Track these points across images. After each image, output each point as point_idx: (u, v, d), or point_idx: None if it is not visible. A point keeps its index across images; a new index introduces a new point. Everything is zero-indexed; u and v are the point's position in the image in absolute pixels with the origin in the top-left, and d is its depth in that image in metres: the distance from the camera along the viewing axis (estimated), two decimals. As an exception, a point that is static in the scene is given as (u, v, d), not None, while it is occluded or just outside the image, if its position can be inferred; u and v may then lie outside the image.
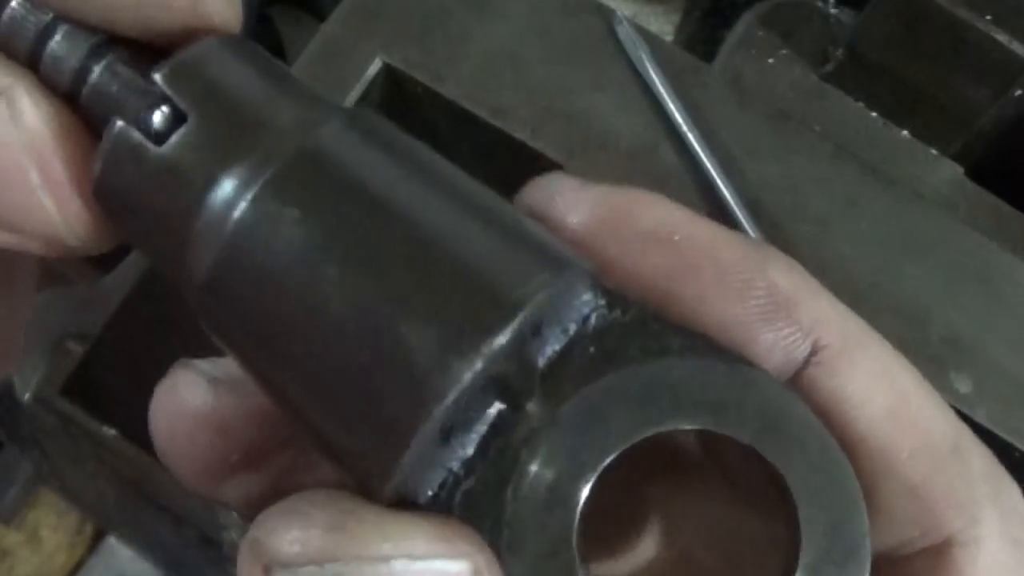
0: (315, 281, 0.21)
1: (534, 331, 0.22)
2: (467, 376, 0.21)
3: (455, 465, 0.22)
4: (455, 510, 0.22)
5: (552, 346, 0.22)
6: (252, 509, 0.25)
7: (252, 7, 0.86)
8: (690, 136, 0.61)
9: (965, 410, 0.58)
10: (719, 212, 0.60)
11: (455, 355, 0.21)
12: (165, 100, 0.23)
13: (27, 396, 0.60)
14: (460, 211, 0.22)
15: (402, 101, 0.63)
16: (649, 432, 0.22)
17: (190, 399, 0.25)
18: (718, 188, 0.60)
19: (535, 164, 0.61)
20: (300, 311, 0.22)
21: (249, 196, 0.22)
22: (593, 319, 0.23)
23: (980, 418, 0.58)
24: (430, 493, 0.22)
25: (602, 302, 0.23)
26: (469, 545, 0.21)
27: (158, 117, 0.23)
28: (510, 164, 0.62)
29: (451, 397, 0.20)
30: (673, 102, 0.61)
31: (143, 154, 0.23)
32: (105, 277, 0.61)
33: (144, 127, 0.23)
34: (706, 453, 0.26)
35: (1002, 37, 0.61)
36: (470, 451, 0.22)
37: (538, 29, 0.63)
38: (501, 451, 0.22)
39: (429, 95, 0.62)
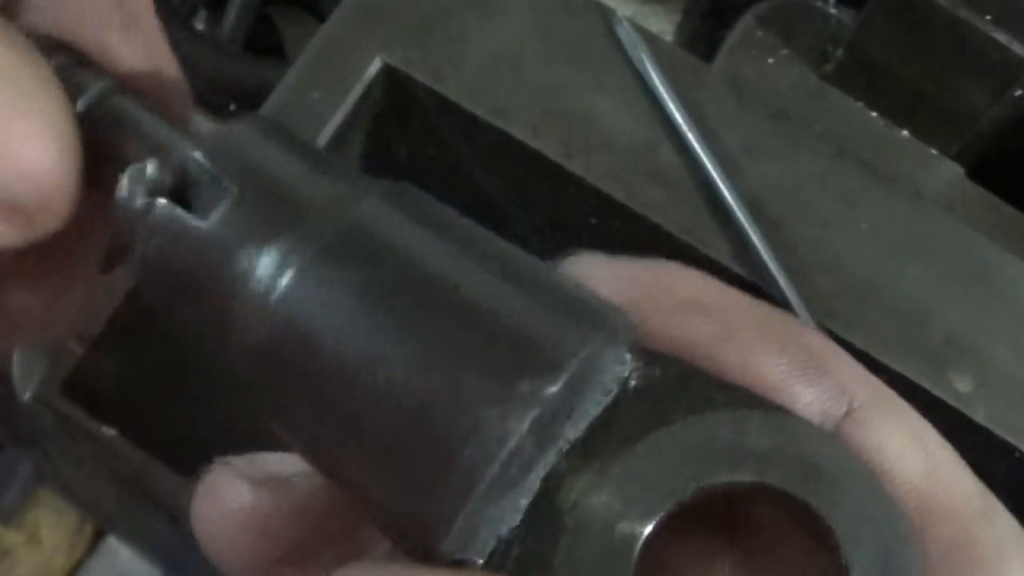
0: (367, 346, 0.22)
1: (577, 390, 0.22)
2: (525, 424, 0.21)
3: (504, 531, 0.22)
4: None
5: (594, 408, 0.22)
6: None
7: (252, 7, 0.86)
8: (690, 136, 0.61)
9: (965, 410, 0.58)
10: (719, 212, 0.60)
11: (508, 408, 0.21)
12: (202, 174, 0.24)
13: (27, 396, 0.60)
14: (502, 272, 0.23)
15: (402, 101, 0.63)
16: (698, 486, 0.22)
17: (231, 501, 0.25)
18: (718, 188, 0.60)
19: (535, 164, 0.61)
20: (355, 374, 0.22)
21: (296, 268, 0.22)
22: (634, 379, 0.23)
23: (980, 418, 0.58)
24: (480, 562, 0.22)
25: (641, 363, 0.23)
26: None
27: (198, 194, 0.24)
28: (510, 164, 0.62)
29: (511, 444, 0.21)
30: (673, 102, 0.61)
31: (185, 229, 0.23)
32: (105, 277, 0.60)
33: (183, 202, 0.24)
34: (736, 521, 0.26)
35: (1002, 37, 0.61)
36: (518, 517, 0.22)
37: (538, 29, 0.63)
38: (549, 515, 0.22)
39: (429, 95, 0.62)
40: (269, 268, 0.22)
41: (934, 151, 0.68)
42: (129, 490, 0.71)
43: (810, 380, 0.24)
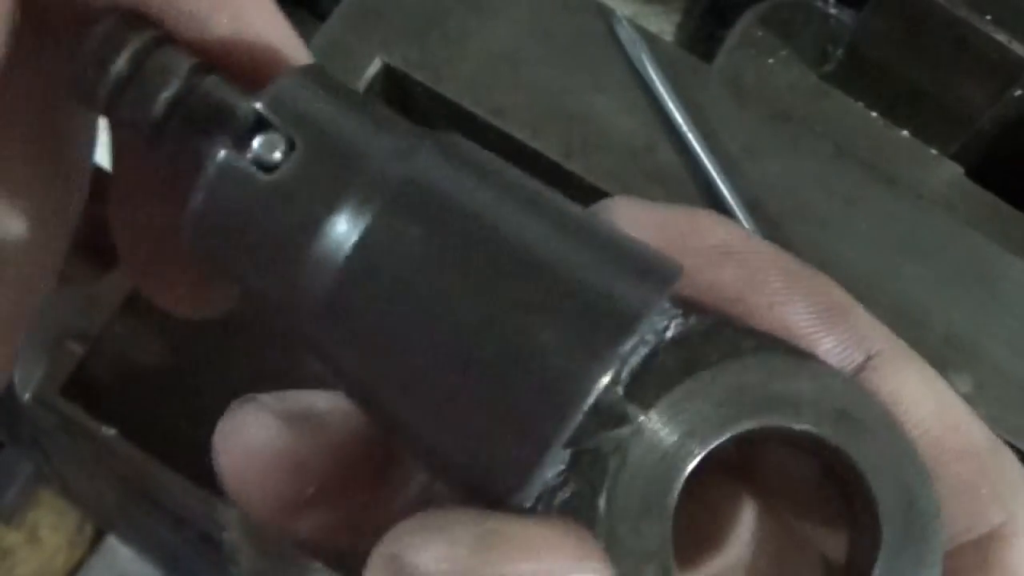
0: (440, 295, 0.22)
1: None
2: (604, 379, 0.21)
3: (549, 476, 0.22)
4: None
5: (634, 358, 0.23)
6: (328, 542, 0.25)
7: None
8: (690, 136, 0.61)
9: (965, 410, 0.58)
10: (719, 212, 0.60)
11: (591, 358, 0.21)
12: (264, 127, 0.24)
13: (27, 396, 0.60)
14: (562, 225, 0.23)
15: (402, 101, 0.63)
16: (732, 432, 0.23)
17: (261, 436, 0.25)
18: (718, 188, 0.60)
19: (535, 164, 0.61)
20: (427, 326, 0.22)
21: (367, 218, 0.23)
22: (672, 327, 0.23)
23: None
24: (527, 505, 0.22)
25: (679, 310, 0.23)
26: (601, 561, 0.21)
27: (263, 145, 0.24)
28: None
29: (590, 399, 0.21)
30: (673, 102, 0.61)
31: (252, 182, 0.23)
32: (105, 277, 0.60)
33: (249, 154, 0.23)
34: (758, 465, 0.27)
35: (1002, 37, 0.61)
36: (564, 465, 0.22)
37: (538, 29, 0.63)
38: (592, 460, 0.22)
39: (429, 95, 0.62)
40: (341, 222, 0.23)
41: (934, 151, 0.68)
42: (129, 490, 0.71)
43: (832, 327, 0.25)
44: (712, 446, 0.23)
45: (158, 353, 0.57)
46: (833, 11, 0.71)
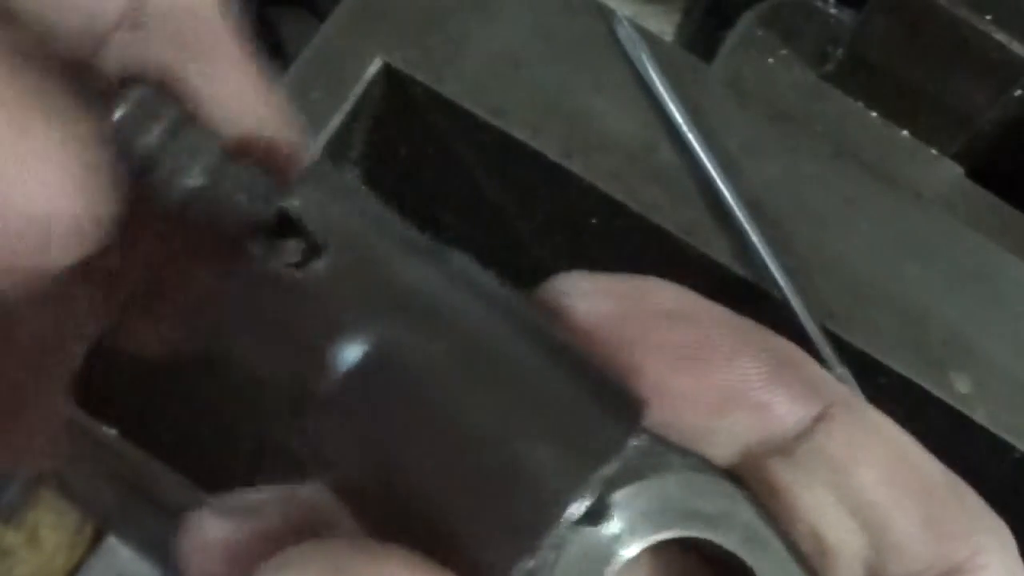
0: (434, 416, 0.24)
1: None
2: (586, 496, 0.23)
3: None
4: None
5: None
6: None
7: (252, 7, 0.86)
8: (690, 136, 0.61)
9: (965, 410, 0.58)
10: (719, 212, 0.60)
11: (574, 480, 0.23)
12: (291, 227, 0.24)
13: (27, 396, 0.60)
14: (556, 352, 0.25)
15: (402, 101, 0.63)
16: (654, 538, 0.25)
17: (206, 534, 0.27)
18: (718, 188, 0.60)
19: (535, 164, 0.61)
20: (418, 440, 0.24)
21: (380, 331, 0.24)
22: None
23: (980, 418, 0.58)
24: None
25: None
26: None
27: (291, 246, 0.24)
28: (510, 164, 0.62)
29: (571, 510, 0.23)
30: (673, 102, 0.61)
31: (281, 279, 0.24)
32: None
33: (277, 253, 0.24)
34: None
35: (1002, 37, 0.61)
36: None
37: (538, 29, 0.63)
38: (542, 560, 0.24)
39: (429, 95, 0.62)
40: (363, 328, 0.24)
41: (934, 151, 0.68)
42: (129, 490, 0.71)
43: (785, 382, 0.26)
44: (637, 549, 0.25)
45: (158, 353, 0.57)
46: (833, 11, 0.71)
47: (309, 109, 0.60)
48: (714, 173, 0.60)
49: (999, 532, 0.26)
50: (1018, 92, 0.65)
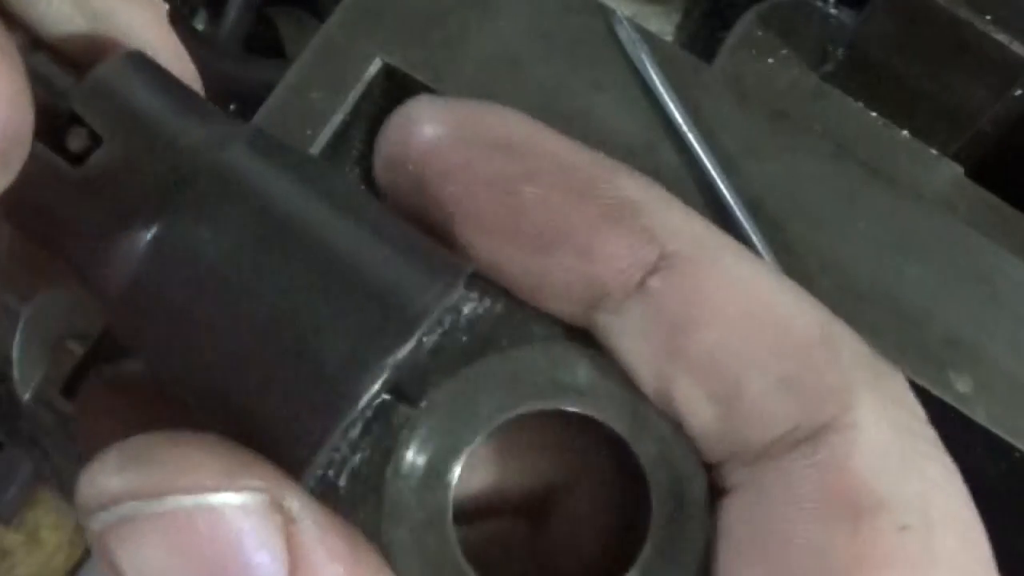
0: (227, 299, 0.23)
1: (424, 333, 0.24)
2: (374, 387, 0.23)
3: (343, 446, 0.24)
4: (341, 486, 0.24)
5: (430, 338, 0.24)
6: None
7: (252, 7, 0.86)
8: (690, 136, 0.61)
9: (965, 410, 0.58)
10: (719, 212, 0.60)
11: (363, 368, 0.23)
12: (79, 120, 0.25)
13: (27, 396, 0.60)
14: (357, 226, 0.24)
15: (402, 101, 0.63)
16: (512, 414, 0.24)
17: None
18: (718, 188, 0.60)
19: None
20: (213, 325, 0.23)
21: (164, 216, 0.24)
22: (466, 309, 0.24)
23: (980, 418, 0.58)
24: (319, 472, 0.23)
25: (474, 293, 0.24)
26: (259, 479, 0.21)
27: (73, 138, 0.25)
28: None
29: (360, 405, 0.23)
30: (673, 102, 0.61)
31: (62, 175, 0.24)
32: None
33: (62, 148, 0.25)
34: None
35: (1002, 37, 0.61)
36: (356, 434, 0.24)
37: (538, 29, 0.63)
38: (382, 434, 0.24)
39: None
40: (139, 216, 0.24)
41: (934, 151, 0.68)
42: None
43: (614, 225, 0.24)
44: (495, 425, 0.24)
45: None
46: (833, 11, 0.71)
47: (309, 109, 0.60)
48: (714, 172, 0.60)
49: (879, 384, 0.23)
50: (1018, 92, 0.65)
